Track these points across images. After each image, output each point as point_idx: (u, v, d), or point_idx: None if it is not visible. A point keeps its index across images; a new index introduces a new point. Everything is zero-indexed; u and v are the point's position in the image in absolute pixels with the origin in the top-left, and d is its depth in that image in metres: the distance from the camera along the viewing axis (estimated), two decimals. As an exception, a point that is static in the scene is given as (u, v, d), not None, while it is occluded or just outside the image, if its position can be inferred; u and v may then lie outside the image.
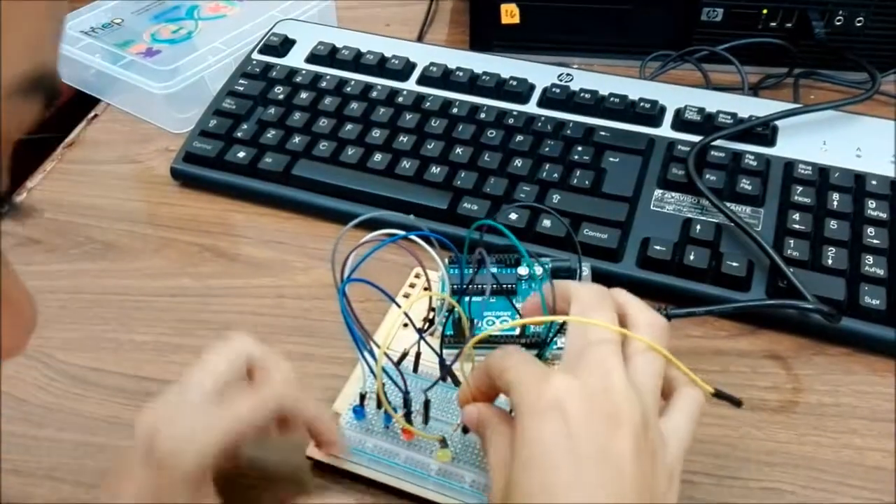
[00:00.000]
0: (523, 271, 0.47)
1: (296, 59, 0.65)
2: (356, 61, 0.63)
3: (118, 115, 0.67)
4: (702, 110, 0.56)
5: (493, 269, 0.47)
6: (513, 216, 0.51)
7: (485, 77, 0.60)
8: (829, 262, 0.47)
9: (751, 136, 0.54)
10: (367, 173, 0.55)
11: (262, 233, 0.55)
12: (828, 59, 0.65)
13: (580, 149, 0.55)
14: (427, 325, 0.44)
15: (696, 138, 0.54)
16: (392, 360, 0.39)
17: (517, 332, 0.43)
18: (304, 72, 0.63)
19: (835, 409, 0.43)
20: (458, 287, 0.41)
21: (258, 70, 0.63)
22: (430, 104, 0.59)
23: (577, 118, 0.57)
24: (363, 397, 0.41)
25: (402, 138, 0.57)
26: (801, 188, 0.51)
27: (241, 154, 0.57)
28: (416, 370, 0.43)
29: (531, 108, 0.59)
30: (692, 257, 0.48)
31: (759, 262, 0.47)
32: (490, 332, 0.35)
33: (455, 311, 0.41)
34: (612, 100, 0.57)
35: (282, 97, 0.61)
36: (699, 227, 0.49)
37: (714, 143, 0.54)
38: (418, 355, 0.42)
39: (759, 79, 0.66)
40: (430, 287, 0.44)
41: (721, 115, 0.55)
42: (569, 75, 0.61)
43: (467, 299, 0.45)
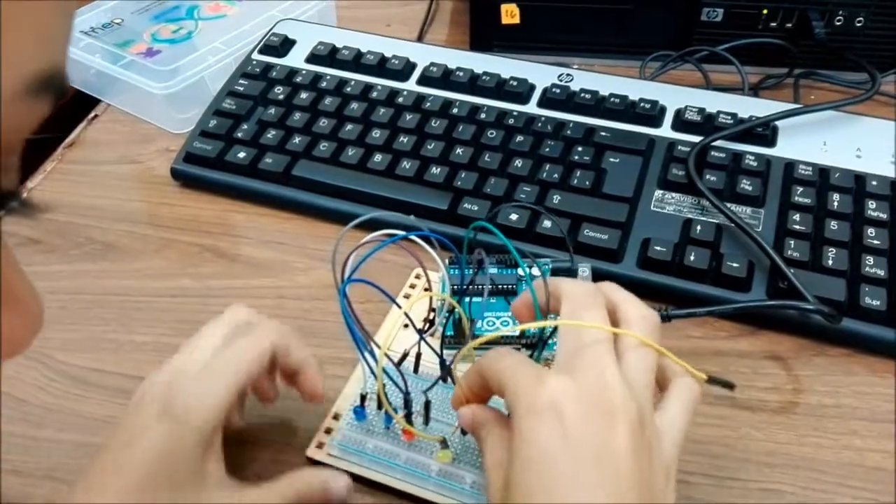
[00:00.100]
0: (523, 272, 0.47)
1: (296, 60, 0.65)
2: (356, 61, 0.63)
3: (118, 116, 0.67)
4: (702, 110, 0.56)
5: (492, 270, 0.47)
6: (513, 217, 0.51)
7: (485, 77, 0.60)
8: (830, 262, 0.47)
9: (751, 137, 0.54)
10: (368, 174, 0.55)
11: (263, 233, 0.55)
12: (828, 60, 0.65)
13: (580, 149, 0.55)
14: (427, 325, 0.44)
15: (697, 139, 0.54)
16: (392, 360, 0.39)
17: (516, 334, 0.43)
18: (304, 72, 0.63)
19: (835, 410, 0.43)
20: (459, 288, 0.41)
21: (258, 70, 0.63)
22: (430, 104, 0.59)
23: (577, 118, 0.57)
24: (364, 398, 0.41)
25: (402, 139, 0.57)
26: (801, 189, 0.51)
27: (242, 154, 0.57)
28: (416, 371, 0.43)
29: (531, 108, 0.59)
30: (692, 258, 0.48)
31: (760, 263, 0.47)
32: (492, 336, 0.35)
33: (455, 311, 0.41)
34: (612, 100, 0.57)
35: (282, 97, 0.61)
36: (699, 227, 0.49)
37: (714, 143, 0.54)
38: (419, 356, 0.42)
39: (760, 79, 0.66)
40: (431, 288, 0.44)
41: (721, 116, 0.55)
42: (569, 75, 0.61)
43: (467, 300, 0.45)
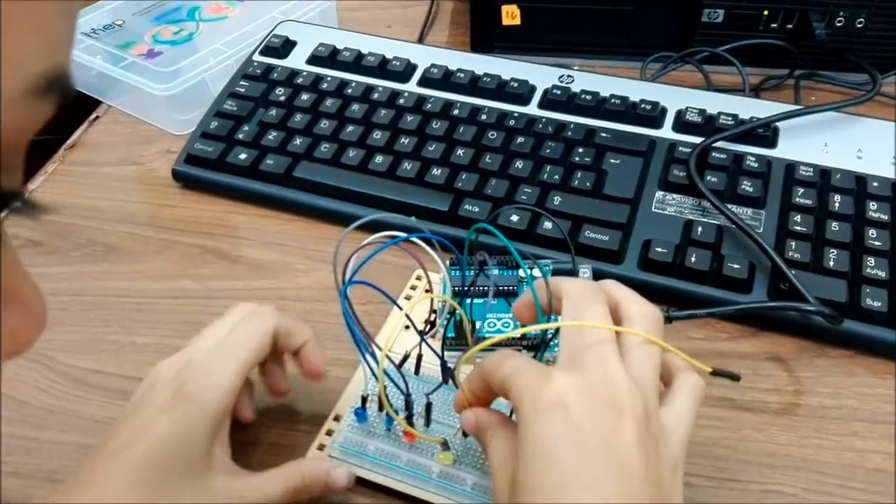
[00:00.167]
0: (524, 273, 0.47)
1: (297, 61, 0.65)
2: (357, 63, 0.63)
3: (119, 117, 0.67)
4: (703, 112, 0.56)
5: (493, 272, 0.47)
6: (514, 218, 0.51)
7: (486, 78, 0.60)
8: (831, 263, 0.47)
9: (752, 138, 0.54)
10: (369, 175, 0.55)
11: (264, 235, 0.55)
12: (829, 61, 0.65)
13: (581, 150, 0.55)
14: (428, 327, 0.44)
15: (698, 140, 0.54)
16: (394, 362, 0.39)
17: (518, 335, 0.43)
18: (305, 73, 0.63)
19: (836, 412, 0.43)
20: (460, 289, 0.41)
21: (259, 71, 0.63)
22: (431, 106, 0.59)
23: (578, 120, 0.57)
24: (365, 400, 0.41)
25: (403, 140, 0.57)
26: (802, 190, 0.51)
27: (243, 156, 0.57)
28: (417, 372, 0.43)
29: (532, 109, 0.59)
30: (693, 259, 0.48)
31: (761, 264, 0.47)
32: (497, 339, 0.35)
33: (456, 313, 0.41)
34: (613, 101, 0.57)
35: (283, 99, 0.61)
36: (700, 228, 0.49)
37: (715, 144, 0.54)
38: (420, 357, 0.42)
39: (760, 80, 0.66)
40: (432, 289, 0.44)
41: (722, 117, 0.55)
42: (570, 77, 0.61)
43: (469, 301, 0.45)
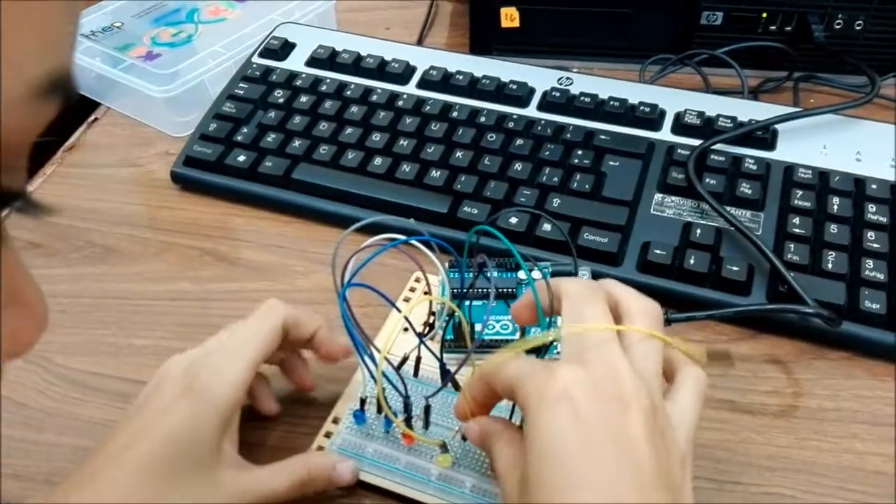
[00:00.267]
0: (523, 276, 0.47)
1: (296, 63, 0.65)
2: (356, 65, 0.63)
3: (118, 119, 0.67)
4: (702, 114, 0.56)
5: (493, 274, 0.47)
6: (513, 220, 0.51)
7: (485, 81, 0.60)
8: (830, 266, 0.47)
9: (751, 140, 0.54)
10: (368, 177, 0.55)
11: (263, 237, 0.55)
12: (827, 63, 0.65)
13: (580, 152, 0.55)
14: (427, 329, 0.44)
15: (696, 142, 0.54)
16: (392, 364, 0.39)
17: (517, 337, 0.43)
18: (304, 75, 0.63)
19: (835, 414, 0.43)
20: (459, 291, 0.41)
21: (258, 73, 0.63)
22: (430, 108, 0.59)
23: (576, 122, 0.57)
24: (363, 402, 0.41)
25: (402, 142, 0.57)
26: (801, 192, 0.51)
27: (242, 158, 0.57)
28: (416, 375, 0.43)
29: (531, 111, 0.59)
30: (692, 261, 0.48)
31: (760, 267, 0.47)
32: (515, 347, 0.35)
33: (455, 315, 0.41)
34: (611, 103, 0.57)
35: (282, 101, 0.61)
36: (699, 231, 0.49)
37: (714, 146, 0.54)
38: (419, 360, 0.42)
39: (759, 82, 0.66)
40: (431, 291, 0.44)
41: (721, 119, 0.55)
42: (569, 79, 0.61)
43: (467, 303, 0.45)
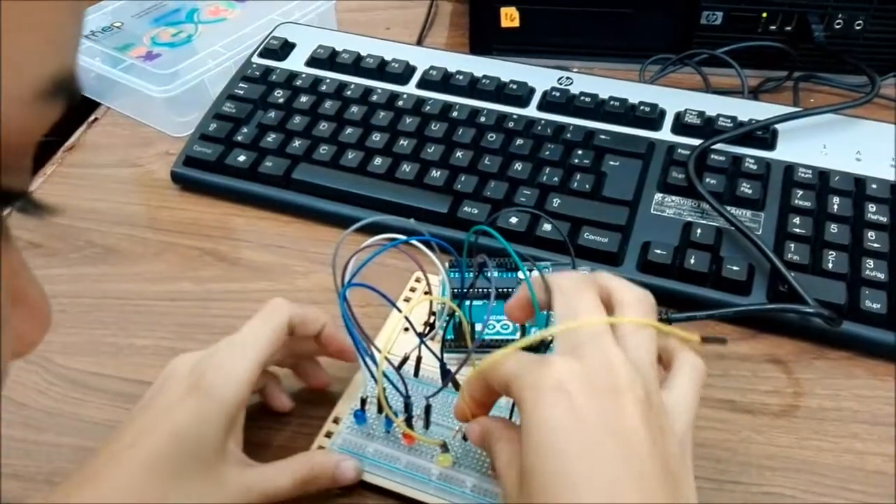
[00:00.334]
0: (523, 275, 0.47)
1: (296, 63, 0.65)
2: (356, 65, 0.63)
3: (118, 119, 0.67)
4: (702, 114, 0.56)
5: (494, 274, 0.47)
6: (513, 220, 0.51)
7: (485, 80, 0.60)
8: (830, 265, 0.47)
9: (751, 140, 0.54)
10: (368, 177, 0.55)
11: (263, 237, 0.55)
12: (827, 63, 0.65)
13: (580, 152, 0.55)
14: (428, 329, 0.44)
15: (697, 142, 0.54)
16: (393, 364, 0.39)
17: (517, 337, 0.43)
18: (304, 75, 0.63)
19: (835, 414, 0.43)
20: (459, 291, 0.41)
21: (258, 74, 0.63)
22: (430, 108, 0.59)
23: (577, 122, 0.57)
24: (364, 402, 0.41)
25: (402, 142, 0.57)
26: (801, 192, 0.51)
27: (242, 158, 0.57)
28: (416, 375, 0.43)
29: (531, 111, 0.59)
30: (693, 261, 0.48)
31: (760, 266, 0.47)
32: (521, 344, 0.35)
33: (456, 315, 0.41)
34: (612, 103, 0.57)
35: (282, 101, 0.61)
36: (699, 230, 0.49)
37: (714, 146, 0.54)
38: (419, 360, 0.42)
39: (759, 82, 0.66)
40: (431, 291, 0.44)
41: (721, 119, 0.55)
42: (569, 79, 0.61)
43: (468, 303, 0.45)
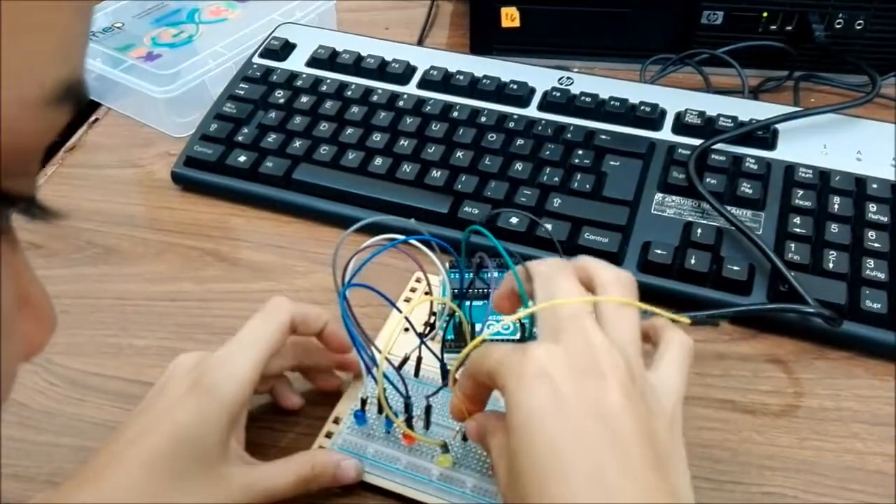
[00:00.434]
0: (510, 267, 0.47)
1: (296, 63, 0.65)
2: (357, 65, 0.63)
3: (119, 120, 0.67)
4: (702, 114, 0.56)
5: (494, 274, 0.47)
6: (513, 220, 0.51)
7: (485, 81, 0.60)
8: (830, 265, 0.47)
9: (751, 140, 0.54)
10: (368, 177, 0.55)
11: (263, 237, 0.55)
12: (828, 63, 0.65)
13: (581, 152, 0.55)
14: (428, 329, 0.44)
15: (697, 142, 0.54)
16: (393, 364, 0.39)
17: (517, 337, 0.43)
18: (304, 76, 0.63)
19: (836, 414, 0.43)
20: (459, 291, 0.41)
21: (259, 74, 0.63)
22: (430, 108, 0.59)
23: (577, 122, 0.57)
24: (364, 402, 0.41)
25: (402, 142, 0.57)
26: (801, 192, 0.51)
27: (242, 158, 0.57)
28: (417, 375, 0.43)
29: (532, 111, 0.59)
30: (693, 261, 0.48)
31: (761, 266, 0.47)
32: (486, 336, 0.35)
33: (456, 315, 0.41)
34: (612, 103, 0.57)
35: (282, 101, 0.61)
36: (700, 230, 0.49)
37: (715, 146, 0.54)
38: (419, 360, 0.42)
39: (760, 82, 0.66)
40: (431, 291, 0.44)
41: (721, 119, 0.55)
42: (569, 79, 0.61)
43: (468, 303, 0.45)
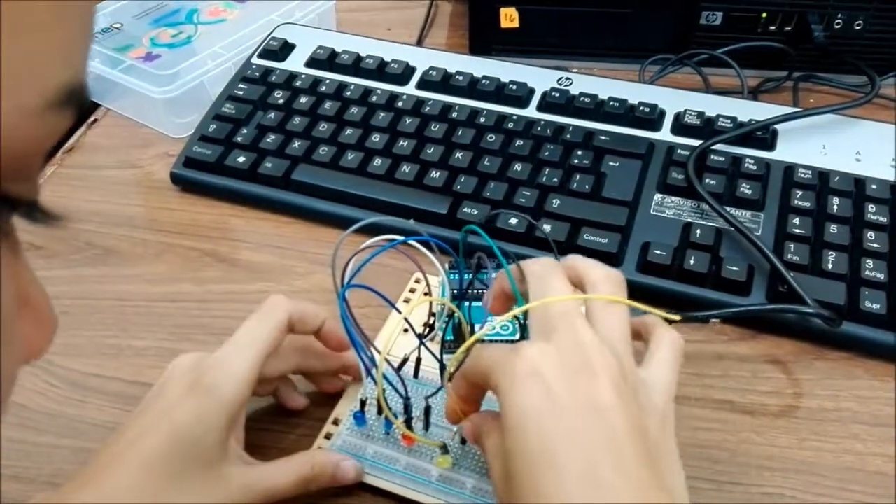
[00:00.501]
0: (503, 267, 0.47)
1: (295, 64, 0.65)
2: (356, 65, 0.63)
3: (118, 120, 0.67)
4: (701, 114, 0.56)
5: (493, 274, 0.47)
6: (512, 221, 0.51)
7: (484, 81, 0.60)
8: (830, 266, 0.47)
9: (750, 140, 0.54)
10: (367, 178, 0.55)
11: (262, 238, 0.55)
12: (827, 63, 0.65)
13: (580, 153, 0.55)
14: (427, 330, 0.44)
15: (696, 142, 0.54)
16: (392, 365, 0.39)
17: (517, 337, 0.43)
18: (303, 76, 0.63)
19: (835, 414, 0.43)
20: (458, 292, 0.41)
21: (258, 74, 0.63)
22: (429, 108, 0.59)
23: (576, 122, 0.57)
24: (364, 403, 0.41)
25: (401, 143, 0.57)
26: (800, 192, 0.51)
27: (241, 159, 0.57)
28: (416, 376, 0.43)
29: (531, 112, 0.59)
30: (692, 262, 0.48)
31: (760, 267, 0.47)
32: (482, 335, 0.35)
33: (455, 316, 0.41)
34: (611, 104, 0.57)
35: (281, 102, 0.61)
36: (699, 231, 0.49)
37: (714, 147, 0.54)
38: (419, 361, 0.42)
39: (759, 82, 0.66)
40: (431, 292, 0.44)
41: (721, 119, 0.55)
42: (568, 79, 0.61)
43: (467, 304, 0.45)
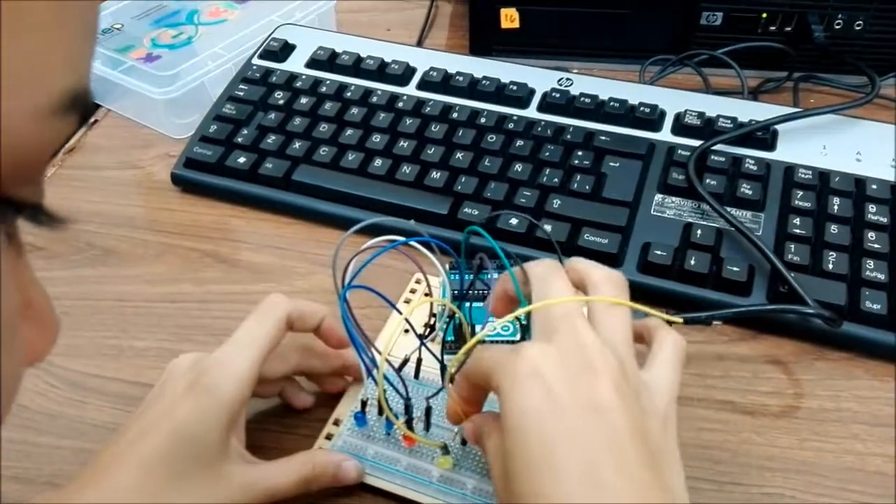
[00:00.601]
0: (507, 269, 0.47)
1: (296, 64, 0.65)
2: (356, 66, 0.63)
3: (118, 121, 0.67)
4: (702, 114, 0.56)
5: (494, 275, 0.47)
6: (513, 221, 0.51)
7: (485, 82, 0.60)
8: (830, 266, 0.47)
9: (751, 141, 0.54)
10: (368, 178, 0.55)
11: (263, 238, 0.55)
12: (827, 63, 0.65)
13: (580, 153, 0.55)
14: (428, 331, 0.44)
15: (696, 143, 0.54)
16: (393, 366, 0.39)
17: (518, 338, 0.43)
18: (304, 77, 0.63)
19: (836, 415, 0.43)
20: (459, 293, 0.41)
21: (258, 75, 0.63)
22: (430, 109, 0.59)
23: (577, 123, 0.57)
24: (364, 404, 0.41)
25: (402, 143, 0.57)
26: (801, 192, 0.51)
27: (242, 159, 0.57)
28: (417, 376, 0.43)
29: (531, 112, 0.59)
30: (693, 262, 0.48)
31: (760, 267, 0.47)
32: (483, 336, 0.35)
33: (456, 316, 0.41)
34: (611, 104, 0.57)
35: (282, 102, 0.61)
36: (700, 231, 0.49)
37: (714, 147, 0.54)
38: (419, 361, 0.42)
39: (759, 83, 0.66)
40: (431, 293, 0.44)
41: (721, 120, 0.55)
42: (568, 80, 0.61)
43: (468, 305, 0.45)
